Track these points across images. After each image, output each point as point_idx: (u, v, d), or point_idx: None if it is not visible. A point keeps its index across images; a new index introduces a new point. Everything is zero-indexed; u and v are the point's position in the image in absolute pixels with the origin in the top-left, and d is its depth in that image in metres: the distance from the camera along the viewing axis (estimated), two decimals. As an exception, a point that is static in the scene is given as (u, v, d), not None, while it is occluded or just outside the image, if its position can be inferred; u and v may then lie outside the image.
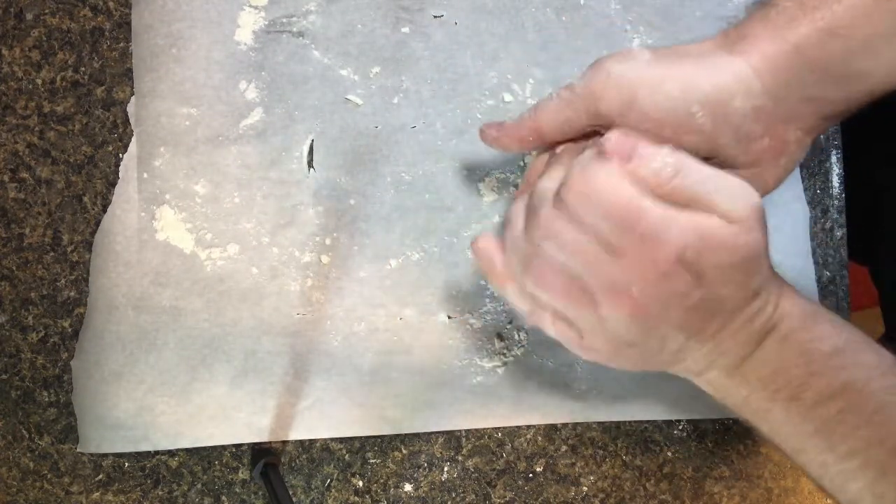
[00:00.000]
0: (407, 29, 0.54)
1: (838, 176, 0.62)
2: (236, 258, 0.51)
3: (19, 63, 0.50)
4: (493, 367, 0.55)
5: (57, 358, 0.50)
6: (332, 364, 0.52)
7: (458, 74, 0.55)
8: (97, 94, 0.51)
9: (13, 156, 0.50)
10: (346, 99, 0.53)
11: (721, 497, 0.58)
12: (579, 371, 0.56)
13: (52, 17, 0.50)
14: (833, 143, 0.62)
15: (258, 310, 0.51)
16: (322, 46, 0.53)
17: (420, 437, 0.54)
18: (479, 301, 0.55)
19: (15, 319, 0.50)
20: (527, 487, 0.56)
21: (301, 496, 0.52)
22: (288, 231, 0.52)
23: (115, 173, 0.50)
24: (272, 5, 0.52)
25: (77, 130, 0.50)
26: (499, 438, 0.55)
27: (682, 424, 0.58)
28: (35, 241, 0.50)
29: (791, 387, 0.38)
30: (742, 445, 0.59)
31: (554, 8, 0.57)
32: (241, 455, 0.52)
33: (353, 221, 0.53)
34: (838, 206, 0.62)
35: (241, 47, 0.51)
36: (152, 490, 0.51)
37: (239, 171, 0.51)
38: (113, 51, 0.51)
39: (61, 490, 0.50)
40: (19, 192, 0.50)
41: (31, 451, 0.50)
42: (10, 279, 0.50)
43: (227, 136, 0.51)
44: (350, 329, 0.52)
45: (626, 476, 0.57)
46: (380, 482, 0.54)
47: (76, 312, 0.50)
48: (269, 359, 0.51)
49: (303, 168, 0.52)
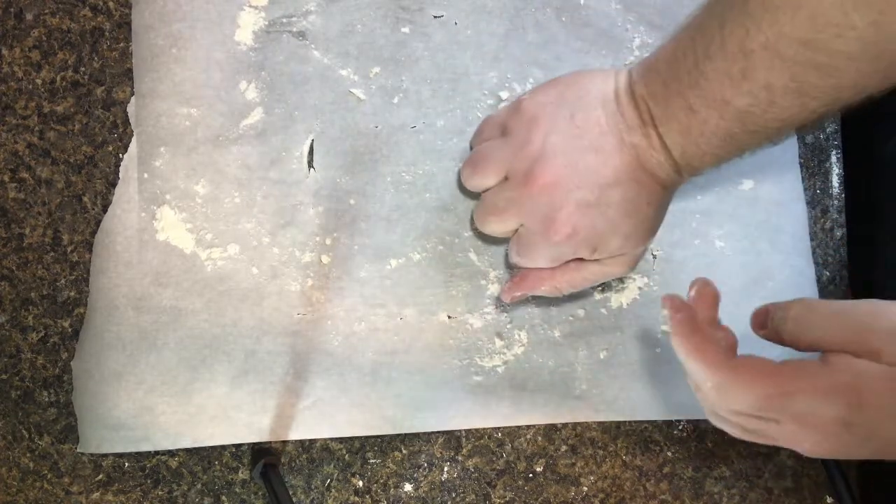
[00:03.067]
0: (407, 29, 0.54)
1: (838, 176, 0.62)
2: (237, 258, 0.51)
3: (19, 63, 0.50)
4: (493, 366, 0.55)
5: (57, 358, 0.50)
6: (333, 364, 0.52)
7: (458, 74, 0.55)
8: (97, 94, 0.51)
9: (13, 156, 0.50)
10: (350, 92, 0.53)
11: (721, 497, 0.58)
12: (579, 370, 0.56)
13: (52, 17, 0.50)
14: (833, 143, 0.62)
15: (258, 310, 0.51)
16: (322, 46, 0.53)
17: (420, 437, 0.54)
18: (480, 301, 0.55)
19: (15, 319, 0.50)
20: (527, 487, 0.56)
21: (301, 496, 0.52)
22: (288, 231, 0.52)
23: (115, 173, 0.50)
24: (272, 5, 0.52)
25: (77, 130, 0.50)
26: (499, 438, 0.55)
27: (682, 424, 0.58)
28: (35, 241, 0.50)
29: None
30: (742, 445, 0.59)
31: (554, 8, 0.57)
32: (241, 455, 0.52)
33: (353, 221, 0.53)
34: (838, 206, 0.62)
35: (241, 47, 0.51)
36: (152, 490, 0.51)
37: (239, 172, 0.51)
38: (113, 51, 0.51)
39: (61, 490, 0.50)
40: (19, 192, 0.50)
41: (31, 451, 0.50)
42: (10, 279, 0.50)
43: (227, 137, 0.51)
44: (350, 329, 0.52)
45: (626, 476, 0.57)
46: (380, 482, 0.54)
47: (76, 312, 0.50)
48: (270, 359, 0.51)
49: (303, 168, 0.52)
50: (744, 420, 0.43)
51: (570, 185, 0.46)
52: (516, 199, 0.48)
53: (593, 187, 0.46)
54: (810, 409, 0.40)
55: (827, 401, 0.40)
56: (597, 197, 0.46)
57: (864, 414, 0.40)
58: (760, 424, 0.42)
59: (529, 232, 0.49)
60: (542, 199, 0.47)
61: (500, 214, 0.49)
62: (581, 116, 0.46)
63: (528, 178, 0.47)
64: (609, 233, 0.47)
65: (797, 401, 0.40)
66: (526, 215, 0.48)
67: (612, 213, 0.46)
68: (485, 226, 0.51)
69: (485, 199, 0.51)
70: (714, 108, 0.41)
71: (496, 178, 0.49)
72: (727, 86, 0.40)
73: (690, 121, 0.42)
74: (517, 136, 0.48)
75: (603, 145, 0.46)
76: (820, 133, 0.62)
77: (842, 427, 0.40)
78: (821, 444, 0.41)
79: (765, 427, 0.42)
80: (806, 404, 0.40)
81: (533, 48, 0.56)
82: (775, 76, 0.38)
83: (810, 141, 0.62)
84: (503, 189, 0.49)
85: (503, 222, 0.50)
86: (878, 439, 0.40)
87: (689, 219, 0.58)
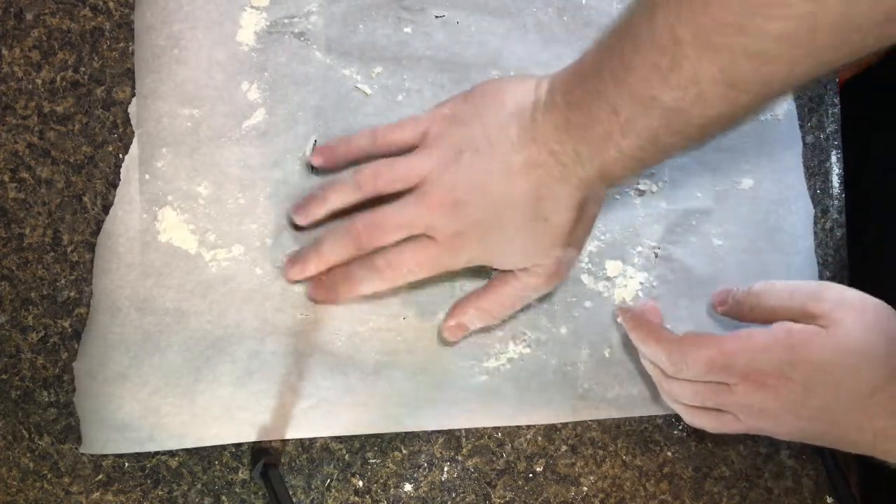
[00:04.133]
0: (409, 29, 0.54)
1: (838, 176, 0.62)
2: (240, 259, 0.51)
3: (19, 63, 0.50)
4: (495, 366, 0.55)
5: (57, 358, 0.50)
6: (336, 364, 0.52)
7: (460, 74, 0.55)
8: (97, 94, 0.50)
9: (13, 156, 0.49)
10: (356, 87, 0.53)
11: (721, 497, 0.59)
12: (582, 369, 0.56)
13: (52, 17, 0.50)
14: (833, 143, 0.62)
15: (262, 311, 0.51)
16: (324, 47, 0.53)
17: (420, 437, 0.54)
18: (482, 301, 0.55)
19: (15, 319, 0.49)
20: (527, 487, 0.56)
21: (301, 496, 0.52)
22: (291, 231, 0.52)
23: (115, 173, 0.50)
24: (274, 6, 0.52)
25: (77, 130, 0.50)
26: (499, 438, 0.56)
27: (683, 424, 0.58)
28: (35, 241, 0.50)
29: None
30: (742, 445, 0.59)
31: (555, 7, 0.57)
32: (241, 455, 0.52)
33: (355, 221, 0.53)
34: (838, 206, 0.62)
35: (242, 48, 0.51)
36: (152, 490, 0.51)
37: (241, 172, 0.51)
38: (113, 51, 0.51)
39: (61, 490, 0.50)
40: (19, 192, 0.50)
41: (31, 451, 0.50)
42: (10, 279, 0.49)
43: (229, 137, 0.51)
44: (353, 329, 0.52)
45: (626, 476, 0.57)
46: (380, 482, 0.54)
47: (76, 312, 0.50)
48: (273, 359, 0.51)
49: (305, 168, 0.52)
50: (700, 393, 0.49)
51: (471, 205, 0.47)
52: (421, 215, 0.48)
53: (493, 207, 0.47)
54: (752, 364, 0.46)
55: (765, 355, 0.47)
56: (495, 215, 0.47)
57: (799, 368, 0.46)
58: (716, 394, 0.48)
59: (434, 242, 0.48)
60: (443, 217, 0.47)
61: (406, 228, 0.48)
62: (494, 132, 0.46)
63: (427, 196, 0.47)
64: (506, 250, 0.48)
65: (739, 358, 0.47)
66: (432, 228, 0.48)
67: (510, 232, 0.47)
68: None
69: (385, 211, 0.49)
70: (640, 106, 0.41)
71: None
72: (655, 80, 0.39)
73: (612, 125, 0.42)
74: (430, 146, 0.48)
75: (510, 164, 0.46)
76: (820, 133, 0.62)
77: (783, 381, 0.46)
78: (770, 405, 0.47)
79: (721, 397, 0.48)
80: (747, 360, 0.47)
81: (534, 48, 0.56)
82: (705, 67, 0.37)
83: (810, 141, 0.62)
84: (406, 204, 0.48)
85: (408, 231, 0.49)
86: (815, 395, 0.46)
87: (689, 217, 0.59)
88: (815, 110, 0.62)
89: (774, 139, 0.60)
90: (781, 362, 0.46)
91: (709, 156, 0.59)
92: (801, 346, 0.46)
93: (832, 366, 0.46)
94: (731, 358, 0.47)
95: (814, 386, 0.46)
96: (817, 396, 0.46)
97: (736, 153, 0.59)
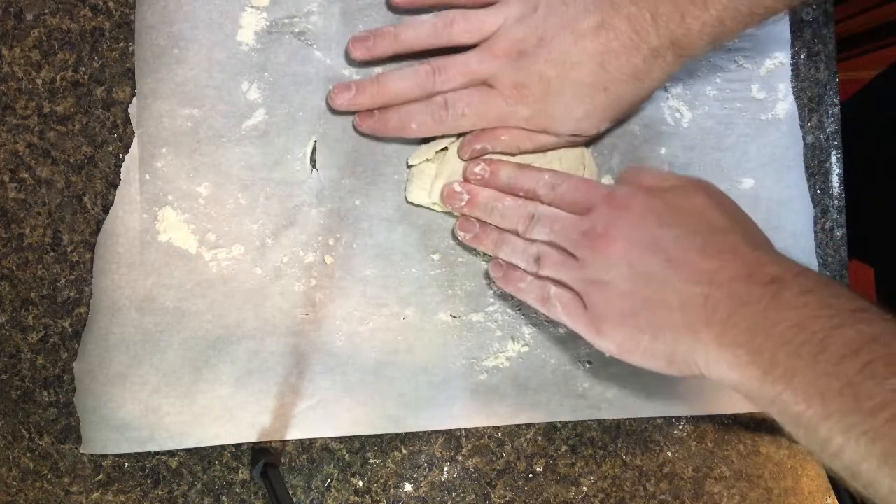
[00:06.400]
0: (408, 29, 0.54)
1: (838, 176, 0.62)
2: (240, 259, 0.51)
3: (19, 63, 0.50)
4: (495, 365, 0.55)
5: (57, 358, 0.50)
6: (336, 363, 0.52)
7: None
8: (97, 94, 0.50)
9: (13, 156, 0.49)
10: None
11: (721, 497, 0.59)
12: (581, 369, 0.56)
13: (52, 17, 0.50)
14: (833, 143, 0.62)
15: (262, 310, 0.51)
16: (324, 47, 0.53)
17: (420, 437, 0.54)
18: (482, 300, 0.55)
19: (15, 319, 0.49)
20: (527, 487, 0.56)
21: (301, 496, 0.53)
22: (291, 231, 0.52)
23: (115, 173, 0.50)
24: (274, 6, 0.52)
25: (77, 130, 0.50)
26: (499, 438, 0.56)
27: (682, 424, 0.58)
28: (35, 241, 0.50)
29: (815, 340, 0.37)
30: (742, 445, 0.59)
31: None
32: (241, 455, 0.52)
33: (355, 222, 0.53)
34: (838, 206, 0.62)
35: (242, 48, 0.51)
36: (152, 490, 0.51)
37: (242, 172, 0.51)
38: (113, 51, 0.51)
39: (61, 490, 0.50)
40: (19, 192, 0.50)
41: (31, 451, 0.50)
42: (10, 279, 0.49)
43: (229, 137, 0.51)
44: (353, 329, 0.52)
45: (626, 476, 0.57)
46: (380, 482, 0.54)
47: (76, 312, 0.50)
48: (273, 359, 0.51)
49: (306, 168, 0.52)
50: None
51: (535, 58, 0.48)
52: (485, 61, 0.49)
53: (556, 64, 0.47)
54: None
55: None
56: (557, 74, 0.47)
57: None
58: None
59: (495, 91, 0.50)
60: (506, 67, 0.48)
61: (469, 75, 0.50)
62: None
63: (494, 45, 0.49)
64: (562, 112, 0.49)
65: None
66: (494, 77, 0.49)
67: (568, 95, 0.48)
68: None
69: (452, 57, 0.51)
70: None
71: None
72: None
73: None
74: (507, 1, 0.49)
75: (580, 24, 0.47)
76: (820, 133, 0.62)
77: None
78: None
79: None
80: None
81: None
82: None
83: (810, 141, 0.62)
84: (473, 53, 0.50)
85: (471, 77, 0.50)
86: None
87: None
88: (815, 110, 0.62)
89: (775, 139, 0.60)
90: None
91: (709, 156, 0.59)
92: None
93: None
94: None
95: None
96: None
97: (737, 153, 0.59)
